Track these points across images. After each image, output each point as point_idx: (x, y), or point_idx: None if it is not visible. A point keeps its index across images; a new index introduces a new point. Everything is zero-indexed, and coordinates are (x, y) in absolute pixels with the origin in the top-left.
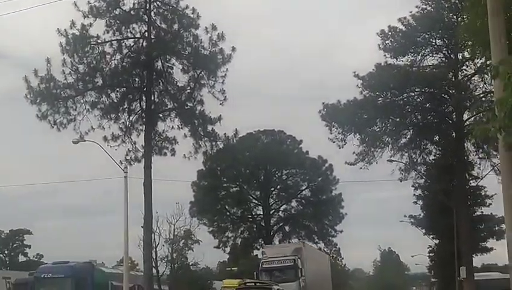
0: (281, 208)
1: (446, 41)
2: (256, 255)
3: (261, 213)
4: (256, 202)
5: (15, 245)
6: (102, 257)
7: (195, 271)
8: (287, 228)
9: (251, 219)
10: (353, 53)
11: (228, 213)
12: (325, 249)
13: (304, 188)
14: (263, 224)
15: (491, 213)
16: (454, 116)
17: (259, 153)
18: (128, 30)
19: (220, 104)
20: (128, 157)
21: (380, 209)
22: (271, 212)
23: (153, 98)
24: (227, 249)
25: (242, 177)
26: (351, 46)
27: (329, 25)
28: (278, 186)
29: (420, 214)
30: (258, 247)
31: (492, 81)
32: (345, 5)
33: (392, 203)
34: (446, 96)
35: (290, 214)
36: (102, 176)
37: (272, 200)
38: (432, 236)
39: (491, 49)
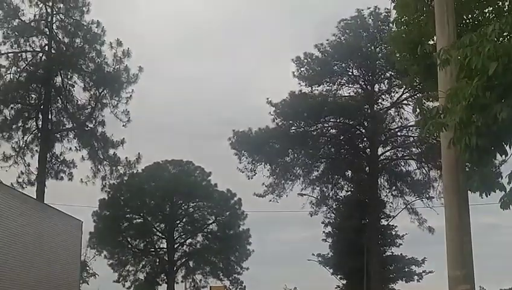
0: (186, 242)
1: (363, 71)
2: None
3: (165, 247)
4: (160, 235)
5: None
6: None
7: None
8: (191, 263)
9: (154, 253)
10: (270, 89)
11: (130, 245)
12: (231, 287)
13: (210, 222)
14: (166, 258)
15: (401, 254)
16: (368, 150)
17: (166, 184)
18: (28, 43)
19: (123, 125)
20: (20, 180)
21: (288, 247)
22: (175, 246)
23: (50, 116)
24: (127, 284)
25: (146, 208)
26: (268, 84)
27: (245, 60)
28: (184, 219)
29: (328, 253)
30: (161, 283)
31: (409, 115)
32: (261, 42)
33: (301, 241)
34: (361, 128)
35: (195, 248)
36: None
37: (176, 233)
38: (339, 276)
39: (437, 34)
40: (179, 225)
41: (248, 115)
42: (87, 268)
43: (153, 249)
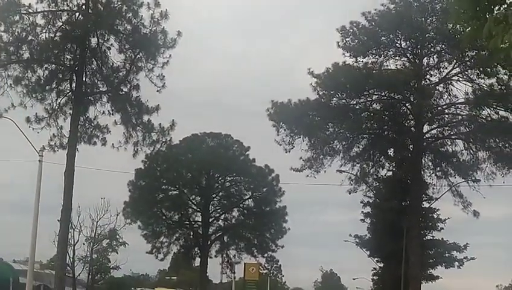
0: (222, 217)
1: (412, 44)
2: (198, 266)
3: (200, 220)
4: (195, 208)
5: None
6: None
7: (121, 277)
8: (225, 238)
9: (188, 226)
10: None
11: (164, 217)
12: (266, 265)
13: (247, 197)
14: (201, 232)
15: (442, 238)
16: (413, 128)
17: (203, 157)
18: (65, 2)
19: (158, 91)
20: (52, 143)
21: (325, 227)
22: (210, 220)
23: (84, 78)
24: (160, 255)
25: (182, 180)
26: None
27: (292, 40)
28: (220, 193)
29: (366, 235)
30: (195, 257)
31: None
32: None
33: (339, 222)
34: (407, 104)
35: (230, 223)
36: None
37: (212, 207)
38: (376, 259)
39: None
40: (215, 199)
41: (292, 96)
42: (117, 237)
43: (187, 222)
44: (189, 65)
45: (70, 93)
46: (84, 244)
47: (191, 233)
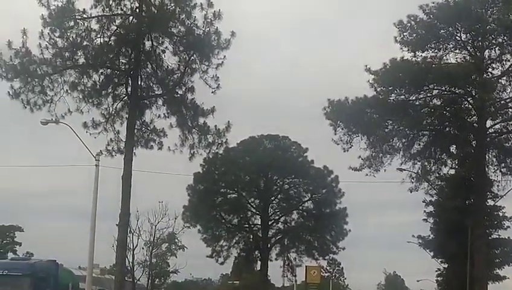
0: (281, 219)
1: (472, 36)
2: (259, 270)
3: (259, 223)
4: (254, 210)
5: (5, 241)
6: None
7: (183, 281)
8: (285, 241)
9: (248, 229)
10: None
11: (224, 221)
12: (328, 268)
13: (306, 199)
14: (260, 235)
15: (509, 237)
16: (475, 124)
17: (261, 159)
18: (119, 6)
19: (212, 92)
20: (109, 148)
21: (387, 229)
22: (270, 223)
23: (139, 82)
24: (220, 259)
25: (241, 183)
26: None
27: (348, 43)
28: (279, 196)
29: (429, 235)
30: (256, 260)
31: None
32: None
33: (400, 223)
34: (469, 98)
35: (290, 226)
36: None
37: (271, 210)
38: (440, 260)
39: None
40: (274, 202)
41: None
42: (176, 240)
43: (246, 225)
44: (244, 67)
45: (126, 97)
46: (143, 248)
47: (251, 236)
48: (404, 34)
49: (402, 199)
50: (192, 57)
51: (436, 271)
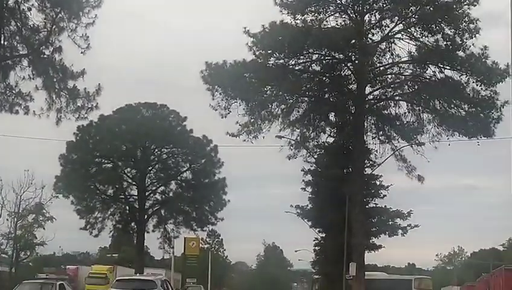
0: (159, 190)
1: (352, 0)
2: (136, 242)
3: (136, 194)
4: (130, 181)
5: None
6: None
7: (50, 254)
8: (163, 212)
9: (124, 200)
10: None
11: (98, 191)
12: (207, 239)
13: (185, 169)
14: (137, 206)
15: (385, 206)
16: (355, 91)
17: (138, 128)
18: None
19: (82, 52)
20: None
21: (266, 200)
22: (146, 194)
23: (2, 41)
24: (95, 231)
25: (117, 152)
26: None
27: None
28: (157, 166)
29: (307, 205)
30: (131, 232)
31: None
32: None
33: (280, 194)
34: (349, 64)
35: (167, 197)
36: None
37: (148, 180)
38: (318, 229)
39: None
40: (151, 172)
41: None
42: (44, 211)
43: (122, 196)
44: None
45: None
46: (7, 220)
47: (127, 207)
48: None
49: (281, 170)
50: (59, 15)
51: (314, 240)
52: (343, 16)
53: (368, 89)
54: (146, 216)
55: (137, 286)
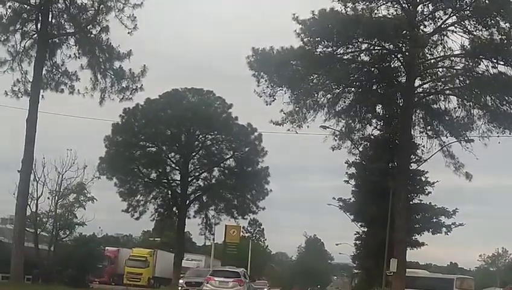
0: (201, 176)
1: None
2: (177, 228)
3: (178, 179)
4: (174, 166)
5: None
6: None
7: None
8: (204, 198)
9: (166, 184)
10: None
11: (142, 175)
12: (248, 228)
13: (228, 156)
14: (179, 191)
15: (430, 203)
16: (404, 83)
17: (184, 113)
18: None
19: (129, 32)
20: (15, 89)
21: (309, 191)
22: (189, 179)
23: (50, 18)
24: (136, 214)
25: (161, 137)
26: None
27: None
28: (200, 152)
29: (350, 198)
30: (173, 216)
31: (453, 44)
32: None
33: (322, 187)
34: (399, 55)
35: (210, 183)
36: None
37: (191, 166)
38: (360, 223)
39: None
40: (195, 158)
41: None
42: (85, 191)
43: (165, 181)
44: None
45: (35, 35)
46: (48, 198)
47: (169, 192)
48: None
49: (324, 161)
50: None
51: (355, 234)
52: (395, 6)
53: (417, 82)
54: (188, 202)
55: (227, 275)
